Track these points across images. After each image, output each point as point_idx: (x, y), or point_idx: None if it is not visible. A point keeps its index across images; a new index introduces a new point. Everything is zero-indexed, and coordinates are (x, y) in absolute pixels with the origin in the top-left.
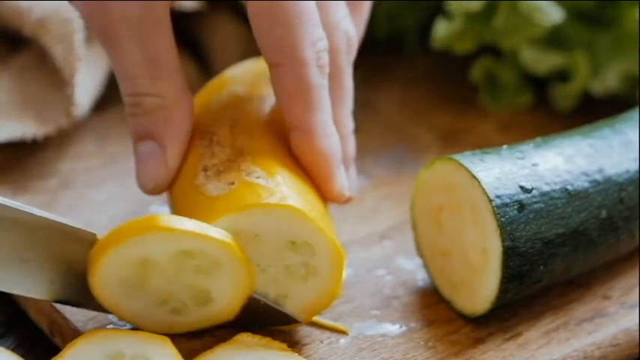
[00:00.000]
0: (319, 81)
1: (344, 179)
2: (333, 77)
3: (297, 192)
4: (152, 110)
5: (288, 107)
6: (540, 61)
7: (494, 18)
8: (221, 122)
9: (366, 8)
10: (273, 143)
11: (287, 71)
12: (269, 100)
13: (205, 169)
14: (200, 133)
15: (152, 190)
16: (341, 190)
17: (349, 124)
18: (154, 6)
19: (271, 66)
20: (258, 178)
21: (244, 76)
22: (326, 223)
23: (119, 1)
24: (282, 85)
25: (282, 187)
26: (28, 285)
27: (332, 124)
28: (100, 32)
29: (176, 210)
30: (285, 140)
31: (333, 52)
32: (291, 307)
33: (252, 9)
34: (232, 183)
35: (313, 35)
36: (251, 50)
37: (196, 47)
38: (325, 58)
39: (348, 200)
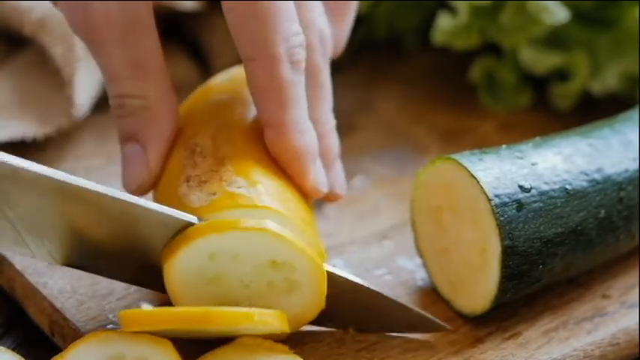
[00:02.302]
0: (292, 77)
1: (320, 175)
2: (310, 75)
3: (279, 200)
4: (136, 111)
5: (261, 103)
6: (540, 61)
7: (501, 15)
8: (204, 132)
9: (349, 9)
10: (256, 149)
11: (260, 66)
12: (254, 106)
13: (188, 180)
14: (183, 142)
15: (135, 192)
16: (316, 186)
17: (330, 121)
18: (136, 7)
19: (245, 61)
20: (239, 188)
21: (229, 84)
22: (308, 233)
23: (101, 2)
24: (255, 81)
25: (263, 197)
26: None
27: (306, 121)
28: (83, 34)
29: None
30: None
31: (308, 49)
32: None
33: (226, 4)
34: (214, 193)
35: (288, 30)
36: None
37: (196, 47)
38: (300, 54)
39: (334, 197)
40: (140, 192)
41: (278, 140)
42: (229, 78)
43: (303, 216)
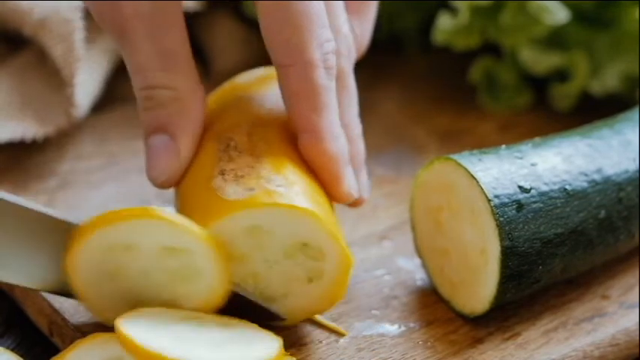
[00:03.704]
0: (327, 82)
1: (352, 180)
2: (338, 80)
3: (314, 202)
4: (165, 102)
5: (296, 109)
6: (539, 61)
7: (501, 15)
8: (238, 128)
9: (371, 10)
10: (289, 150)
11: (295, 72)
12: (270, 103)
13: (223, 173)
14: (216, 136)
15: (164, 184)
16: (349, 191)
17: (357, 126)
18: (166, 2)
19: (279, 67)
20: (278, 186)
21: (257, 84)
22: (339, 237)
23: None
24: (290, 86)
25: (301, 198)
26: (23, 275)
27: (339, 126)
28: (112, 28)
29: (185, 210)
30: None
31: (336, 55)
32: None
33: (262, 8)
34: (252, 189)
35: (321, 37)
36: (250, 50)
37: (196, 47)
38: (333, 60)
39: (358, 202)
40: (169, 184)
41: (313, 145)
42: (256, 78)
43: (333, 221)
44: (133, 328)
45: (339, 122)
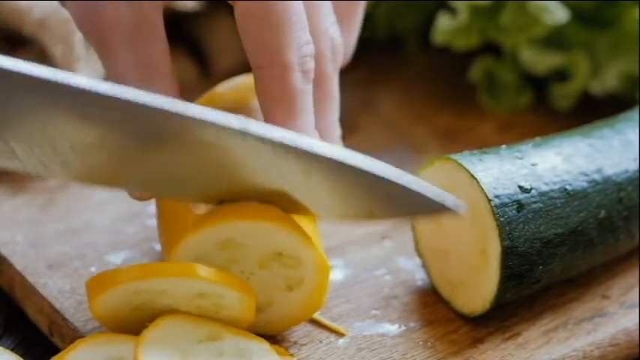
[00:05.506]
0: (303, 86)
1: None
2: (318, 84)
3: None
4: None
5: (270, 111)
6: (540, 61)
7: (501, 15)
8: None
9: (357, 13)
10: None
11: (271, 74)
12: (260, 114)
13: None
14: None
15: (139, 197)
16: None
17: (335, 130)
18: (146, 9)
19: (255, 69)
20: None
21: (234, 92)
22: (314, 237)
23: (111, 2)
24: (265, 89)
25: (271, 208)
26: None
27: (313, 131)
28: (91, 35)
29: (164, 226)
30: None
31: (318, 58)
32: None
33: (239, 10)
34: (220, 202)
35: (300, 39)
36: None
37: (196, 47)
38: (310, 64)
39: None
40: (145, 197)
41: None
42: (234, 86)
43: (310, 229)
44: None
45: (314, 127)
